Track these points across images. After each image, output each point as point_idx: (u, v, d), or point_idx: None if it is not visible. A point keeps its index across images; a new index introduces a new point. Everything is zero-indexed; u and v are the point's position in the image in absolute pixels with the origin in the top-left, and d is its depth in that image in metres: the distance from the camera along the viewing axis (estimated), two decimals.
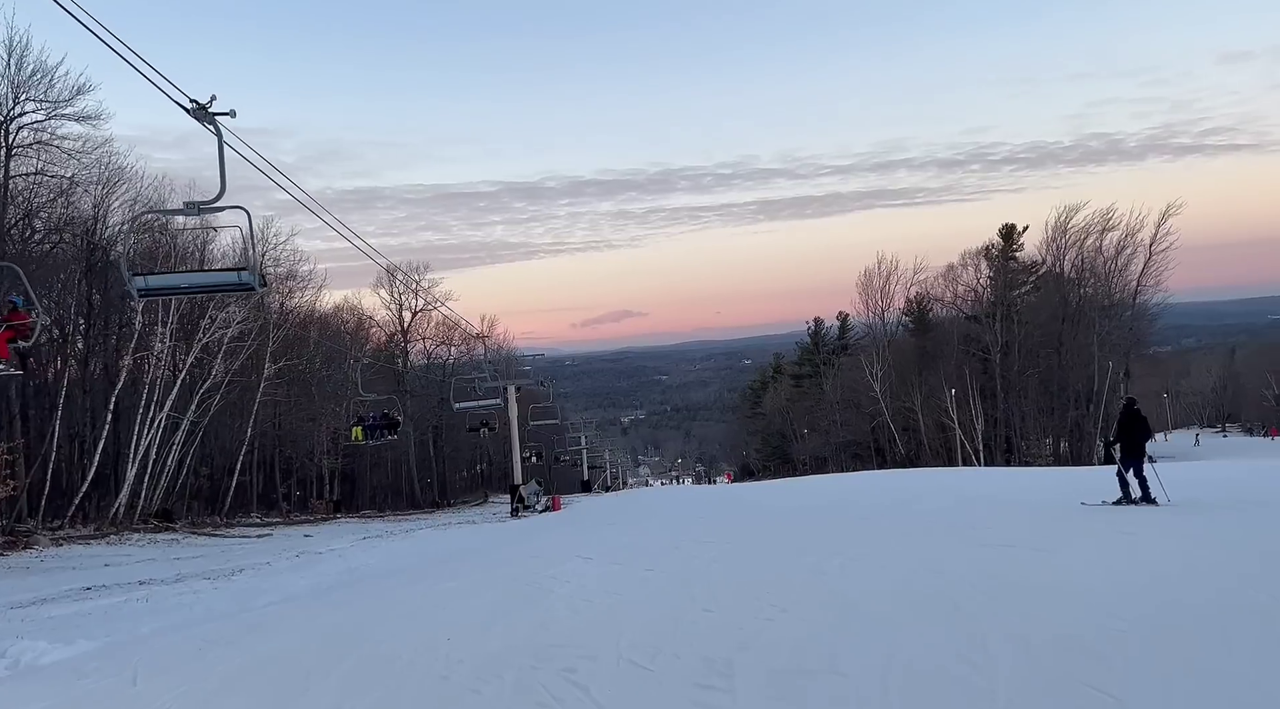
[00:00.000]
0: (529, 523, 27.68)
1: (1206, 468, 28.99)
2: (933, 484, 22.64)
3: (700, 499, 29.95)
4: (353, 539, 26.86)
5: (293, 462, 46.49)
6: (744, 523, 14.59)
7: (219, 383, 33.18)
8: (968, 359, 60.54)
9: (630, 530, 15.01)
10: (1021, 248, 65.83)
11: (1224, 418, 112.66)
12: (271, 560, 20.68)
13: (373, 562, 18.49)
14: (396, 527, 34.50)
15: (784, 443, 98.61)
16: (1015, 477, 28.21)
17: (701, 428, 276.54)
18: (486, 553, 14.92)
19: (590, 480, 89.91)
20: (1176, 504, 13.43)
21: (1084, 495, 15.35)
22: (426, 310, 64.13)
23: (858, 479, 33.29)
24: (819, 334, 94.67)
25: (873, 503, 17.19)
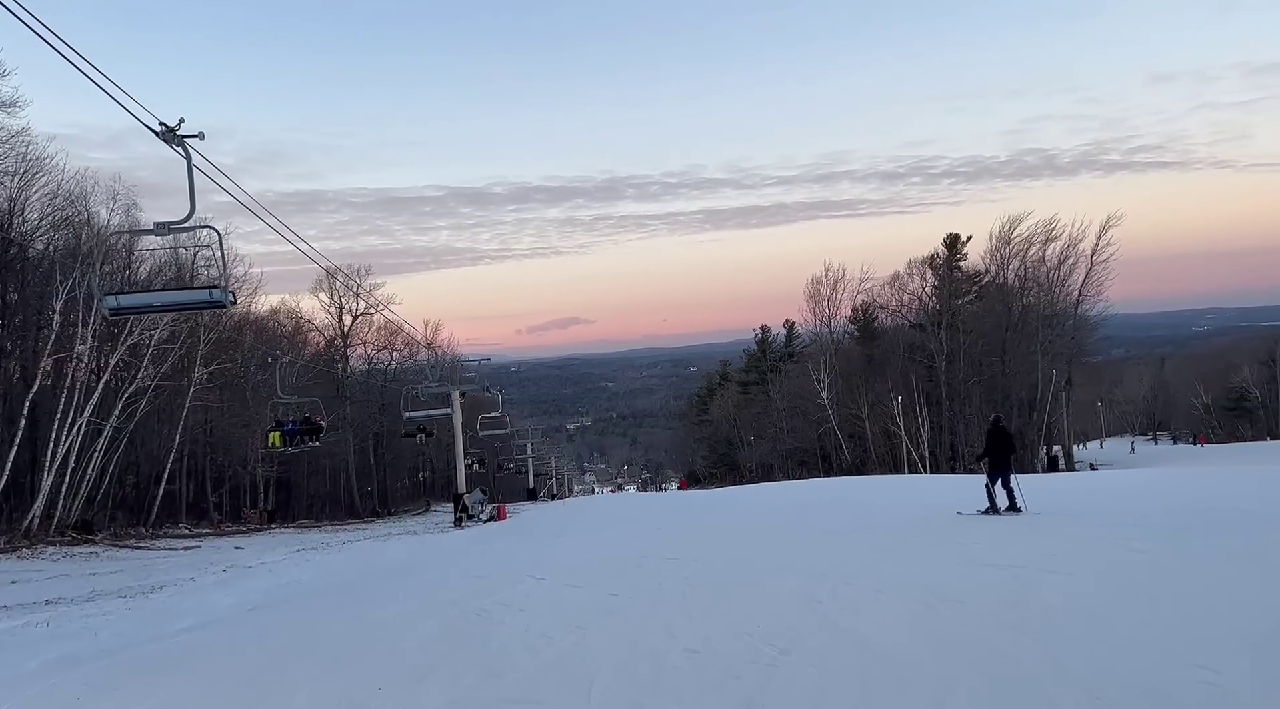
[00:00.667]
0: (473, 534, 26.64)
1: (1156, 476, 29.16)
2: (891, 492, 22.22)
3: (652, 508, 29.21)
4: (286, 551, 25.56)
5: (225, 469, 44.59)
6: (708, 535, 13.66)
7: (145, 387, 31.45)
8: (913, 367, 60.86)
9: (585, 544, 14.10)
10: (965, 257, 66.63)
11: (1155, 426, 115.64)
12: (197, 576, 19.42)
13: (305, 577, 17.40)
14: (333, 538, 33.10)
15: (731, 450, 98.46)
16: (968, 484, 28.02)
17: (647, 435, 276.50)
18: (427, 569, 13.91)
19: (536, 488, 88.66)
20: (1038, 513, 14.26)
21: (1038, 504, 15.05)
22: (368, 314, 62.36)
23: (811, 487, 32.85)
24: (766, 341, 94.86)
25: (838, 514, 16.43)
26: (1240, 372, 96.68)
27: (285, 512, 53.20)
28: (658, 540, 12.97)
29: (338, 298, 60.80)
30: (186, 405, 35.59)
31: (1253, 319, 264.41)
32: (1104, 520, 11.78)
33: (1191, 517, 11.27)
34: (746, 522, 15.95)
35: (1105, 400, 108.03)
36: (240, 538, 35.91)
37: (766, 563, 10.11)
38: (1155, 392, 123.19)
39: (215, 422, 43.92)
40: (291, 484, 54.40)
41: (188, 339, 34.28)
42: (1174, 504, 13.01)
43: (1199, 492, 15.76)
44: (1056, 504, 15.46)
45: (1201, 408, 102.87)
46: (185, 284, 29.59)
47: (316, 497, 58.84)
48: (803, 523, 14.70)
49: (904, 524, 13.39)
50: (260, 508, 46.02)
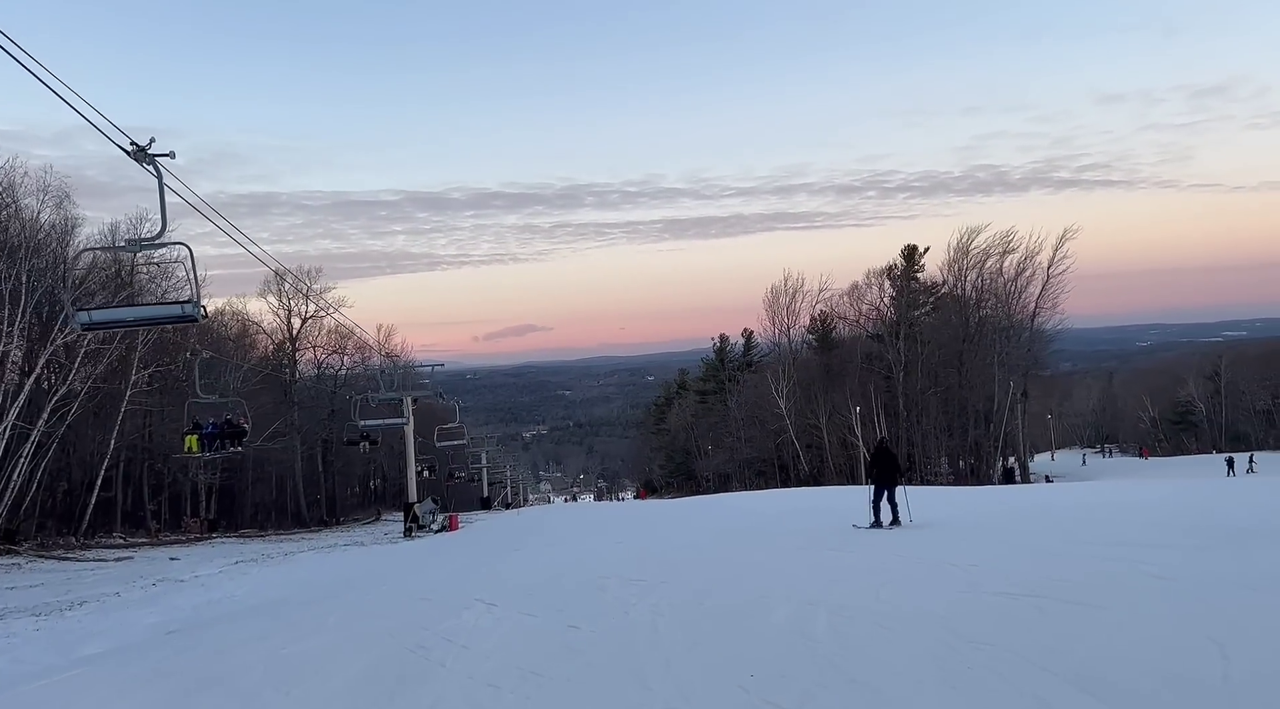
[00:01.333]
0: (423, 545, 25.58)
1: (1112, 489, 29.03)
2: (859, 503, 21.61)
3: (610, 519, 28.37)
4: (223, 563, 24.31)
5: (164, 476, 42.80)
6: (673, 551, 12.63)
7: (78, 389, 29.85)
8: (871, 377, 60.84)
9: (540, 560, 13.14)
10: (923, 268, 66.86)
11: (1104, 438, 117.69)
12: (123, 590, 18.20)
13: (239, 593, 16.30)
14: (276, 548, 31.75)
15: (688, 459, 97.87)
16: (933, 496, 27.63)
17: (604, 444, 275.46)
18: (369, 587, 12.91)
19: (490, 497, 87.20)
20: (920, 525, 14.79)
21: (1028, 517, 14.51)
22: (317, 317, 60.67)
23: (773, 498, 32.20)
24: (724, 351, 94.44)
25: (808, 526, 15.59)
26: (1186, 386, 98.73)
27: (229, 520, 51.38)
28: (619, 557, 11.87)
29: (286, 300, 59.03)
30: (123, 409, 33.93)
31: (1194, 335, 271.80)
32: (1094, 538, 11.12)
33: (1196, 534, 10.62)
34: (711, 535, 15.09)
35: (1055, 413, 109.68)
36: (178, 548, 34.35)
37: (745, 587, 9.03)
38: (1103, 404, 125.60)
39: (155, 426, 42.17)
40: (235, 492, 52.58)
41: (125, 339, 32.67)
42: (1161, 519, 12.45)
43: (1183, 505, 15.27)
44: (1037, 518, 14.89)
45: (1149, 421, 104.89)
46: (158, 299, 29.67)
47: (262, 505, 57.01)
48: (775, 536, 13.87)
49: (886, 540, 12.62)
50: (201, 516, 44.28)
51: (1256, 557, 8.65)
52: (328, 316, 61.03)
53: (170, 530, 42.90)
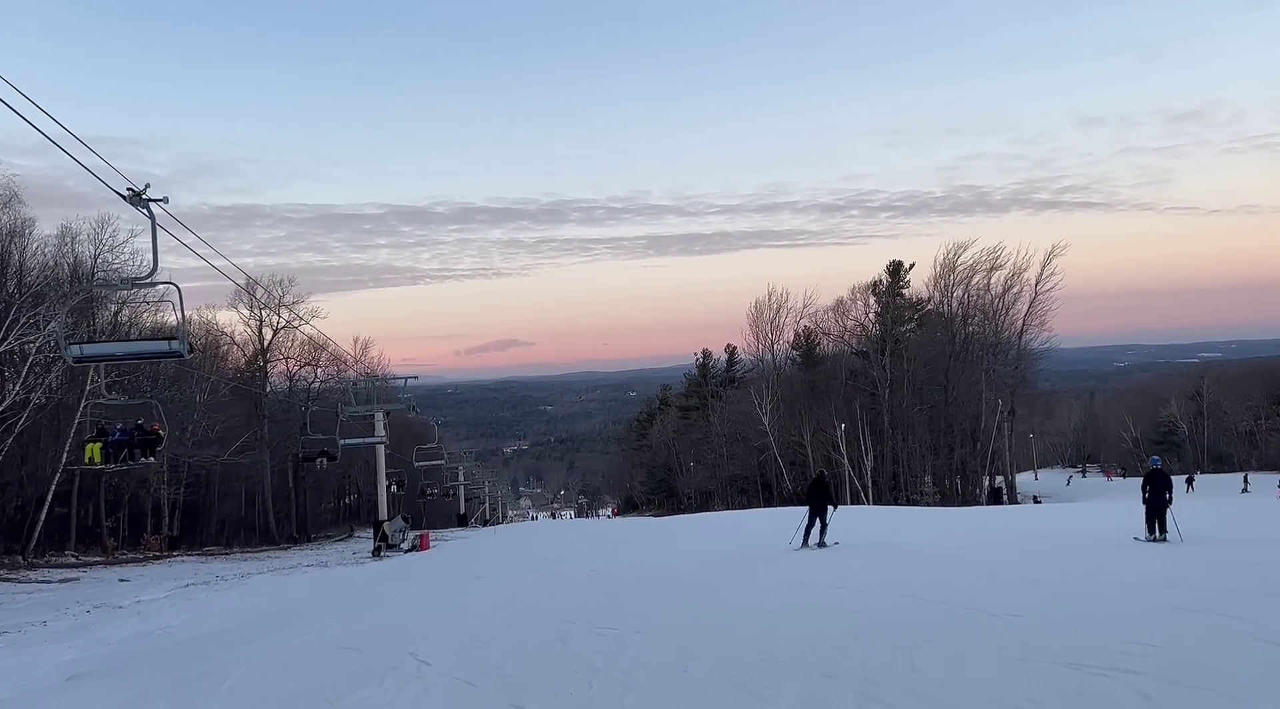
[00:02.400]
0: (387, 567, 24.12)
1: (1107, 513, 28.05)
2: (855, 527, 20.34)
3: (586, 539, 27.03)
4: (173, 586, 22.76)
5: (123, 491, 41.01)
6: (651, 585, 10.94)
7: (20, 400, 28.22)
8: (856, 394, 59.84)
9: (501, 593, 11.67)
10: (908, 285, 66.16)
11: (1085, 458, 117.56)
12: (53, 618, 16.69)
13: (175, 623, 14.87)
14: (236, 569, 30.15)
15: (669, 476, 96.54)
16: (925, 518, 26.48)
17: (585, 459, 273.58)
18: (309, 620, 11.51)
19: (467, 514, 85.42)
20: (928, 552, 14.17)
21: (1032, 544, 13.29)
22: (290, 327, 59.00)
23: (757, 518, 30.95)
24: (707, 366, 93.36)
25: (801, 554, 14.36)
26: (1168, 406, 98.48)
27: (192, 537, 49.52)
28: (590, 592, 10.36)
29: (258, 311, 57.37)
30: (75, 423, 32.22)
31: (1171, 356, 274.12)
32: (1144, 577, 9.79)
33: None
34: (695, 562, 13.79)
35: (1036, 432, 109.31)
36: (133, 568, 32.65)
37: (739, 645, 7.37)
38: (1085, 424, 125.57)
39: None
40: (200, 507, 50.74)
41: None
42: (1219, 558, 11.21)
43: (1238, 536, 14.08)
44: (1065, 549, 13.69)
45: (1131, 441, 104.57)
46: (147, 335, 29.79)
47: (229, 521, 55.15)
48: (763, 565, 12.57)
49: (899, 575, 11.23)
50: (162, 534, 42.44)
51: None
52: (300, 328, 59.49)
53: (130, 548, 41.11)
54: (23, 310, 25.76)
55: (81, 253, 36.33)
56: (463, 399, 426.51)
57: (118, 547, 39.99)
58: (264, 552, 46.65)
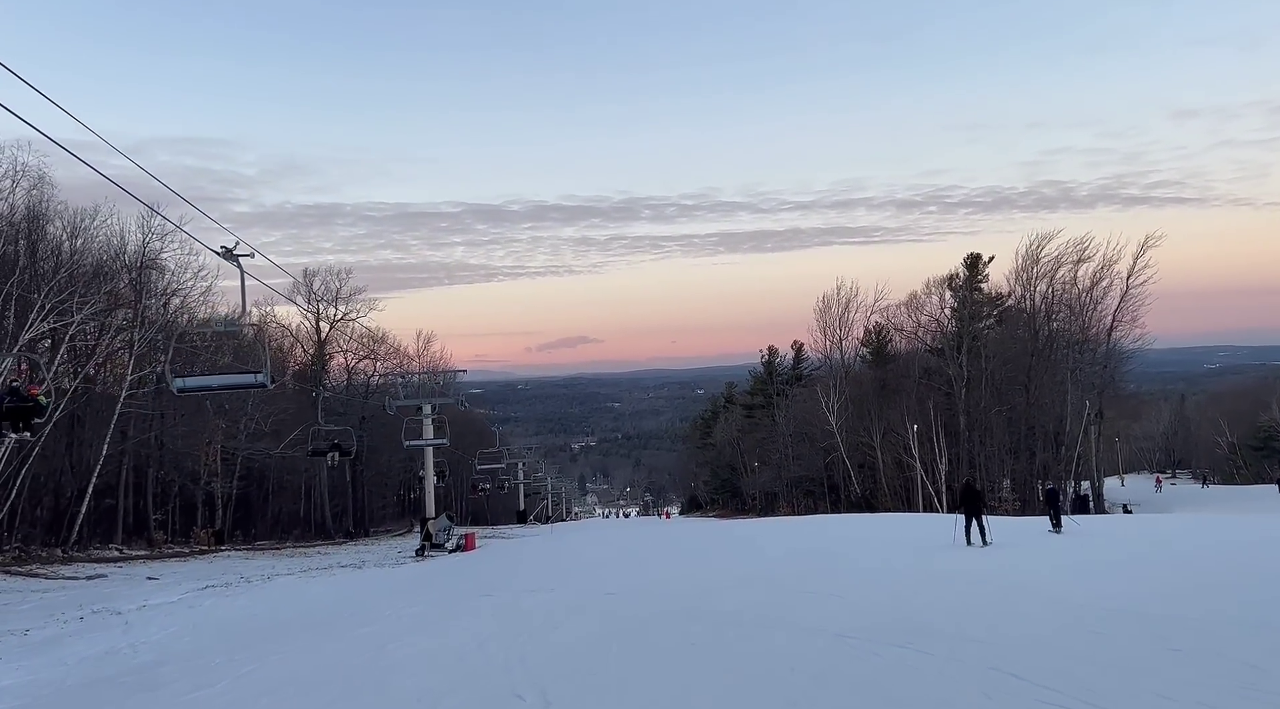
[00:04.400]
0: (413, 573, 22.56)
1: (1225, 525, 24.90)
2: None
3: (642, 546, 25.12)
4: (192, 587, 21.59)
5: (172, 484, 40.55)
6: (712, 624, 8.35)
7: (53, 387, 27.44)
8: (930, 394, 56.58)
9: (498, 621, 9.73)
10: (987, 278, 62.52)
11: (1175, 463, 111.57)
12: (38, 626, 15.46)
13: (159, 636, 13.46)
14: (271, 567, 29.07)
15: (733, 476, 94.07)
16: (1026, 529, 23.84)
17: (652, 457, 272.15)
18: (264, 647, 9.78)
19: (527, 510, 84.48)
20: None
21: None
22: (347, 320, 58.53)
23: (837, 527, 28.55)
24: (773, 363, 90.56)
25: (919, 587, 11.46)
26: (1270, 409, 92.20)
27: (247, 531, 49.17)
28: (609, 633, 8.23)
29: (315, 303, 57.00)
30: (116, 413, 31.59)
31: (1265, 358, 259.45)
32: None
33: None
34: (769, 588, 11.49)
35: (1121, 435, 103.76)
36: (173, 564, 31.91)
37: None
38: (1175, 428, 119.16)
39: (166, 431, 39.89)
40: (253, 501, 50.32)
41: (119, 334, 30.31)
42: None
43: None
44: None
45: (1226, 446, 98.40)
46: (241, 368, 32.03)
47: (284, 515, 54.72)
48: (877, 616, 9.64)
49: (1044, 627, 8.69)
50: (212, 527, 41.88)
51: None
52: (357, 321, 59.03)
53: (182, 541, 40.72)
54: (50, 296, 24.83)
55: (130, 240, 35.77)
56: (532, 395, 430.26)
57: (167, 540, 39.57)
58: (315, 547, 45.93)
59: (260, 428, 47.08)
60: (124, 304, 33.08)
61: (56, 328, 25.72)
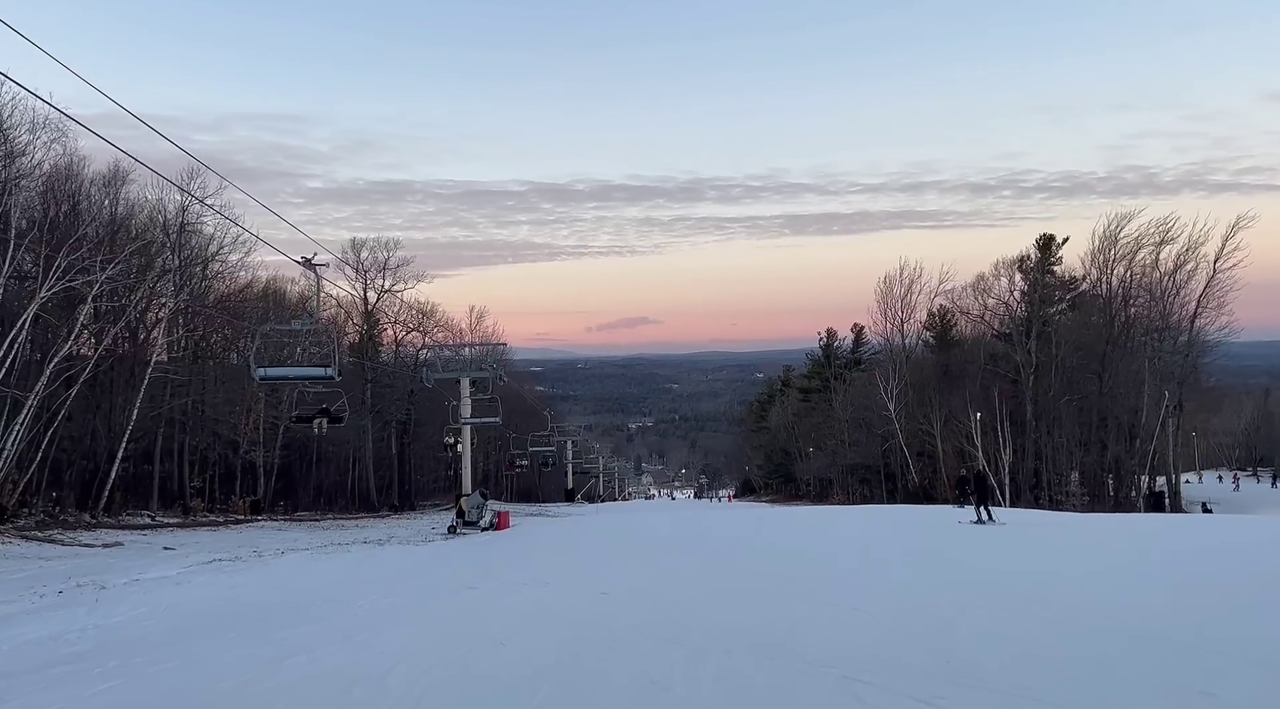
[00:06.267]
0: (439, 551, 21.37)
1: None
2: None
3: (670, 533, 23.57)
4: (199, 561, 20.68)
5: (210, 451, 40.19)
6: (693, 649, 6.75)
7: (75, 352, 26.91)
8: (995, 381, 53.74)
9: (454, 635, 8.13)
10: (1060, 261, 59.16)
11: (1256, 461, 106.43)
12: (17, 599, 14.51)
13: (114, 621, 12.31)
14: (296, 540, 28.28)
15: (788, 460, 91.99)
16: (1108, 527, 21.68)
17: (708, 439, 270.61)
18: (205, 641, 8.44)
19: (574, 489, 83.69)
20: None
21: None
22: (393, 292, 57.92)
23: (895, 518, 26.57)
24: (831, 347, 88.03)
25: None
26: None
27: (291, 501, 48.91)
28: (558, 659, 6.46)
29: (363, 274, 56.44)
30: (146, 377, 31.04)
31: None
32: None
33: None
34: (771, 593, 9.82)
35: (1199, 430, 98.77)
36: (201, 532, 31.40)
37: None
38: (1257, 423, 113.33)
39: (206, 396, 39.51)
40: (296, 471, 49.99)
41: (147, 295, 29.64)
42: None
43: None
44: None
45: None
46: (315, 362, 34.20)
47: (326, 486, 54.41)
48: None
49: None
50: (247, 497, 41.51)
51: None
52: (405, 292, 58.42)
53: (221, 509, 40.43)
54: (67, 253, 24.06)
55: (168, 201, 35.21)
56: (591, 374, 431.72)
57: (205, 507, 39.27)
58: (355, 520, 45.44)
59: (304, 397, 46.69)
60: (156, 265, 32.51)
61: (75, 286, 25.02)
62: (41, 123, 24.26)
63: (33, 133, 24.27)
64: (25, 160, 24.60)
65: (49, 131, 24.76)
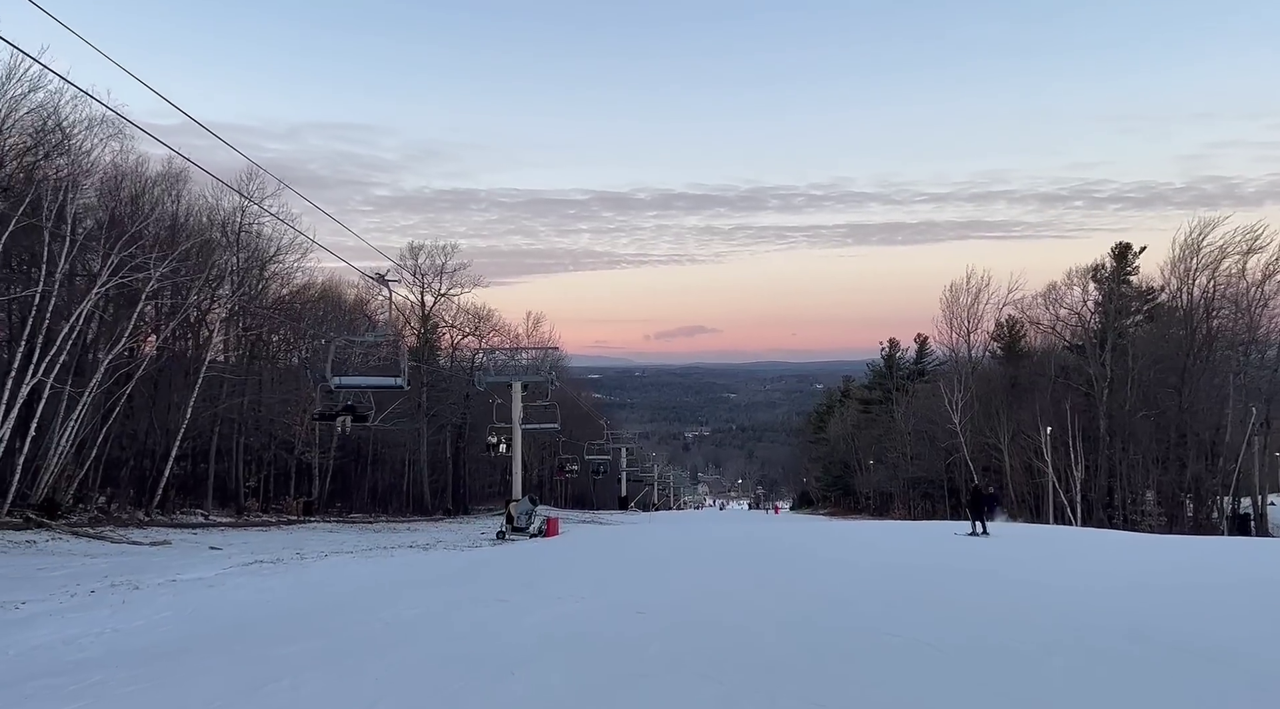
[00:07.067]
0: (475, 559, 20.71)
1: None
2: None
3: (720, 546, 22.60)
4: (241, 561, 20.41)
5: (265, 451, 40.38)
6: (725, 695, 5.65)
7: (129, 348, 26.99)
8: (1067, 394, 51.48)
9: (457, 664, 7.29)
10: (1137, 270, 56.56)
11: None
12: (47, 597, 14.29)
13: (137, 626, 11.88)
14: (342, 543, 27.98)
15: (846, 473, 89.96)
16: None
17: (765, 449, 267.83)
18: (186, 671, 7.80)
19: (629, 497, 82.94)
20: None
21: None
22: (450, 296, 57.94)
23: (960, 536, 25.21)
24: (893, 357, 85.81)
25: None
26: None
27: (346, 502, 49.05)
28: (562, 700, 5.25)
29: (420, 277, 56.55)
30: (201, 375, 31.13)
31: None
32: None
33: None
34: (820, 623, 8.84)
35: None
36: (251, 532, 31.35)
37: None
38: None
39: (263, 396, 39.70)
40: (350, 473, 50.13)
41: (202, 291, 29.71)
42: None
43: None
44: None
45: None
46: (386, 373, 36.18)
47: (381, 488, 54.53)
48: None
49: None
50: (300, 498, 41.60)
51: None
52: (462, 296, 58.42)
53: (275, 509, 40.57)
54: (120, 249, 24.10)
55: (225, 202, 35.47)
56: (649, 383, 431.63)
57: (259, 507, 39.43)
58: (408, 523, 45.31)
59: (358, 399, 46.82)
60: (215, 264, 32.70)
61: (127, 283, 25.08)
62: (99, 120, 24.49)
63: (89, 130, 24.48)
64: (85, 158, 24.81)
65: (105, 128, 24.96)
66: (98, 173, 26.26)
